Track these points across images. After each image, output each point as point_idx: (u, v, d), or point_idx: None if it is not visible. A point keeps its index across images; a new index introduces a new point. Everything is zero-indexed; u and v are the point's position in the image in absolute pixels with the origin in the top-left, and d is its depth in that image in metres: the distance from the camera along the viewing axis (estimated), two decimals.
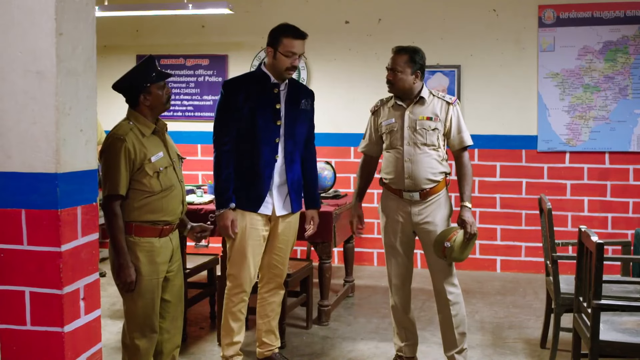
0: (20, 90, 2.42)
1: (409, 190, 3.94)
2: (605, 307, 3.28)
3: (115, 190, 3.25)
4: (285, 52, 3.82)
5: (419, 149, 3.91)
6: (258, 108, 3.87)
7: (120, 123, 3.40)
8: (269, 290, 4.16)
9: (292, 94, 3.98)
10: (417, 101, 3.96)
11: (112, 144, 3.29)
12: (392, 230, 4.04)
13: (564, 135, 6.65)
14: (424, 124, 3.92)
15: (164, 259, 3.43)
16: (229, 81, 4.02)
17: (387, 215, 4.07)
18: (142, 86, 3.37)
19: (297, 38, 3.85)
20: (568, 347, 3.82)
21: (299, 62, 3.89)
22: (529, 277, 6.58)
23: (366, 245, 7.09)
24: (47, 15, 2.38)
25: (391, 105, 4.05)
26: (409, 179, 3.91)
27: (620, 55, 6.51)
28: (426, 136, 3.91)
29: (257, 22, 7.02)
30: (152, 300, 3.40)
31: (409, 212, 3.97)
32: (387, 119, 4.02)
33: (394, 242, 4.04)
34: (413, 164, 3.90)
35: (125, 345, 3.45)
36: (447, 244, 3.81)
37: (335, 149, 7.05)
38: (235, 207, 3.90)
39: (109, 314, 5.24)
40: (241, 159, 3.91)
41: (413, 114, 3.95)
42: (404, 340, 4.17)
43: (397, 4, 6.92)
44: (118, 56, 7.50)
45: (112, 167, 3.26)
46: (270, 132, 3.88)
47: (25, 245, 2.46)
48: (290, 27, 3.88)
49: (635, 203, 6.57)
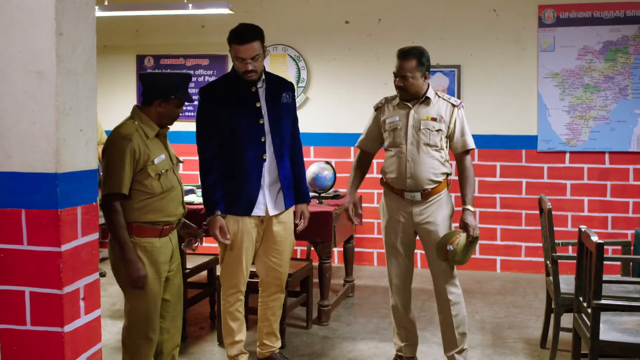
0: (21, 90, 2.42)
1: (410, 190, 3.93)
2: (605, 307, 3.28)
3: (118, 189, 3.25)
4: (235, 57, 3.78)
5: (422, 149, 3.90)
6: (238, 109, 3.83)
7: (125, 122, 3.39)
8: (270, 295, 4.12)
9: (272, 89, 3.92)
10: (423, 101, 3.96)
11: (117, 143, 3.28)
12: (393, 230, 4.04)
13: (564, 135, 6.65)
14: (428, 124, 3.91)
15: (165, 258, 3.43)
16: (205, 87, 3.94)
17: (388, 215, 4.06)
18: (166, 94, 3.38)
19: (240, 43, 3.72)
20: (568, 347, 3.82)
21: (254, 65, 3.74)
22: (529, 277, 6.58)
23: (366, 245, 7.08)
24: (47, 16, 2.38)
25: (396, 104, 4.03)
26: (411, 178, 3.91)
27: (620, 55, 6.51)
28: (430, 137, 3.91)
29: (257, 23, 6.91)
30: (154, 300, 3.40)
31: (411, 212, 3.97)
32: (391, 117, 4.00)
33: (395, 242, 4.04)
34: (415, 164, 3.90)
35: (126, 346, 3.45)
36: (450, 247, 3.80)
37: (335, 149, 7.05)
38: (227, 212, 3.86)
39: (109, 314, 5.24)
40: (228, 163, 3.87)
41: (418, 114, 3.94)
42: (404, 340, 4.16)
43: (397, 4, 6.91)
44: (118, 56, 7.51)
45: (116, 166, 3.25)
46: (254, 131, 3.84)
47: (25, 245, 2.46)
48: (234, 31, 3.77)
49: (635, 203, 6.57)
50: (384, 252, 4.14)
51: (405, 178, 3.92)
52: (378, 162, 4.31)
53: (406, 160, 3.92)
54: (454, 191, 4.07)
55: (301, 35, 7.12)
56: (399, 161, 3.94)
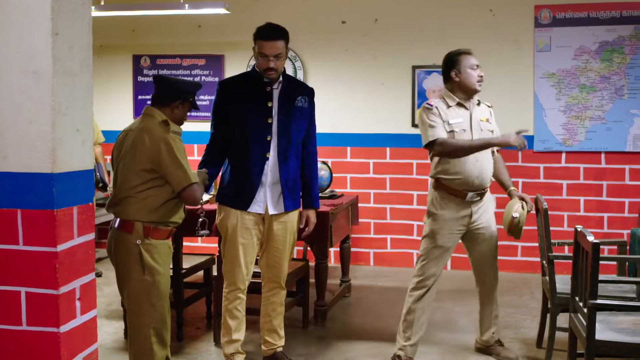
0: (17, 90, 2.41)
1: (474, 191, 4.03)
2: (601, 306, 3.28)
3: (193, 179, 3.33)
4: (258, 54, 3.85)
5: (485, 150, 4.03)
6: (249, 106, 3.90)
7: (165, 121, 3.38)
8: (270, 290, 4.16)
9: (287, 91, 3.96)
10: (477, 104, 4.14)
11: (175, 140, 3.33)
12: (449, 232, 4.10)
13: (560, 135, 6.66)
14: (485, 125, 4.10)
15: (171, 260, 3.49)
16: (224, 80, 4.14)
17: (444, 218, 4.09)
18: (185, 96, 3.46)
19: (265, 39, 3.81)
20: (564, 346, 3.82)
21: (276, 63, 3.81)
22: (525, 276, 6.59)
23: (363, 245, 7.08)
24: (43, 15, 2.37)
25: (454, 104, 4.09)
26: (478, 179, 4.01)
27: (616, 56, 6.52)
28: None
29: (253, 22, 6.91)
30: (168, 302, 3.42)
31: (470, 212, 4.09)
32: (455, 119, 4.05)
33: (450, 244, 4.13)
34: (482, 165, 4.03)
35: (139, 355, 3.42)
36: (515, 214, 4.05)
37: (332, 149, 7.04)
38: (227, 204, 3.95)
39: (105, 314, 5.23)
40: (234, 156, 3.96)
41: (476, 116, 4.09)
42: (409, 341, 4.18)
43: (394, 4, 6.92)
44: (114, 56, 7.51)
45: (183, 160, 3.31)
46: (261, 129, 3.88)
47: (21, 246, 2.45)
48: (262, 28, 3.87)
49: (631, 203, 6.58)
50: (426, 253, 4.14)
51: (473, 178, 4.01)
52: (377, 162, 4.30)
53: (475, 161, 3.99)
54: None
55: (298, 35, 7.08)
56: (466, 162, 4.00)
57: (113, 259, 3.44)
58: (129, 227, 3.31)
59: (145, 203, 3.30)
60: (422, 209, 6.92)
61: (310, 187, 4.13)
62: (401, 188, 6.95)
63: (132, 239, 3.31)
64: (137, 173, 3.29)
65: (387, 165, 6.96)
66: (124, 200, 3.33)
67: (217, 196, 4.05)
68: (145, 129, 3.32)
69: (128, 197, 3.32)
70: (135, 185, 3.30)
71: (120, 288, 3.45)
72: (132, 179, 3.30)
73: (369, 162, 7.01)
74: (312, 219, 4.14)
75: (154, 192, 3.31)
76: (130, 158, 3.31)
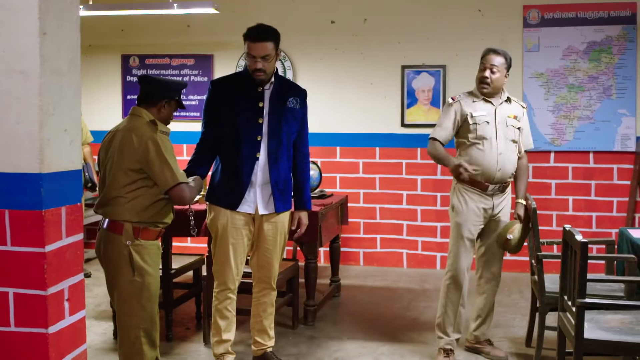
0: (4, 90, 2.40)
1: (496, 183, 4.14)
2: (590, 305, 3.30)
3: (181, 178, 3.31)
4: (246, 54, 3.85)
5: (508, 144, 4.16)
6: (240, 106, 3.89)
7: (152, 121, 3.37)
8: (260, 291, 4.15)
9: (279, 92, 3.96)
10: (505, 101, 4.23)
11: (163, 140, 3.32)
12: (473, 224, 4.21)
13: (549, 134, 6.68)
14: (512, 122, 4.20)
15: (160, 260, 3.48)
16: (216, 80, 4.13)
17: (468, 210, 4.19)
18: (172, 95, 3.46)
19: (253, 41, 3.80)
20: (553, 345, 3.84)
21: (264, 65, 3.79)
22: (514, 276, 6.60)
23: (352, 245, 7.08)
24: (31, 15, 2.36)
25: (478, 100, 4.22)
26: (500, 171, 4.12)
27: (604, 56, 6.56)
28: (514, 133, 4.20)
29: (243, 22, 6.90)
30: (157, 304, 3.41)
31: (492, 205, 4.20)
32: (478, 112, 4.18)
33: (473, 236, 4.24)
34: (504, 158, 4.13)
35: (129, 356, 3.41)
36: (510, 236, 4.15)
37: (321, 149, 7.03)
38: (217, 203, 3.94)
39: (94, 314, 5.21)
40: (225, 156, 3.95)
41: (502, 111, 4.19)
42: (458, 332, 4.30)
43: (383, 4, 6.92)
44: (103, 56, 7.47)
45: (171, 159, 3.29)
46: (252, 129, 3.88)
47: (9, 246, 2.43)
48: (252, 29, 3.85)
49: (619, 202, 6.62)
50: (455, 247, 4.23)
51: (495, 171, 4.12)
52: (366, 162, 4.30)
53: (497, 154, 4.11)
54: None
55: (287, 35, 7.00)
56: (489, 154, 4.13)
57: (102, 260, 3.41)
58: (119, 228, 3.29)
59: (135, 203, 3.29)
60: (411, 208, 6.94)
61: (302, 189, 4.12)
62: (391, 188, 6.96)
63: (121, 240, 3.29)
64: (126, 173, 3.27)
65: (376, 165, 6.97)
66: (112, 201, 3.31)
67: (207, 196, 4.04)
68: (133, 129, 3.31)
69: (117, 197, 3.30)
70: (124, 185, 3.28)
71: (110, 289, 3.42)
72: (121, 179, 3.28)
73: (358, 162, 7.01)
74: (304, 221, 4.13)
75: (143, 192, 3.30)
76: (119, 158, 3.29)
